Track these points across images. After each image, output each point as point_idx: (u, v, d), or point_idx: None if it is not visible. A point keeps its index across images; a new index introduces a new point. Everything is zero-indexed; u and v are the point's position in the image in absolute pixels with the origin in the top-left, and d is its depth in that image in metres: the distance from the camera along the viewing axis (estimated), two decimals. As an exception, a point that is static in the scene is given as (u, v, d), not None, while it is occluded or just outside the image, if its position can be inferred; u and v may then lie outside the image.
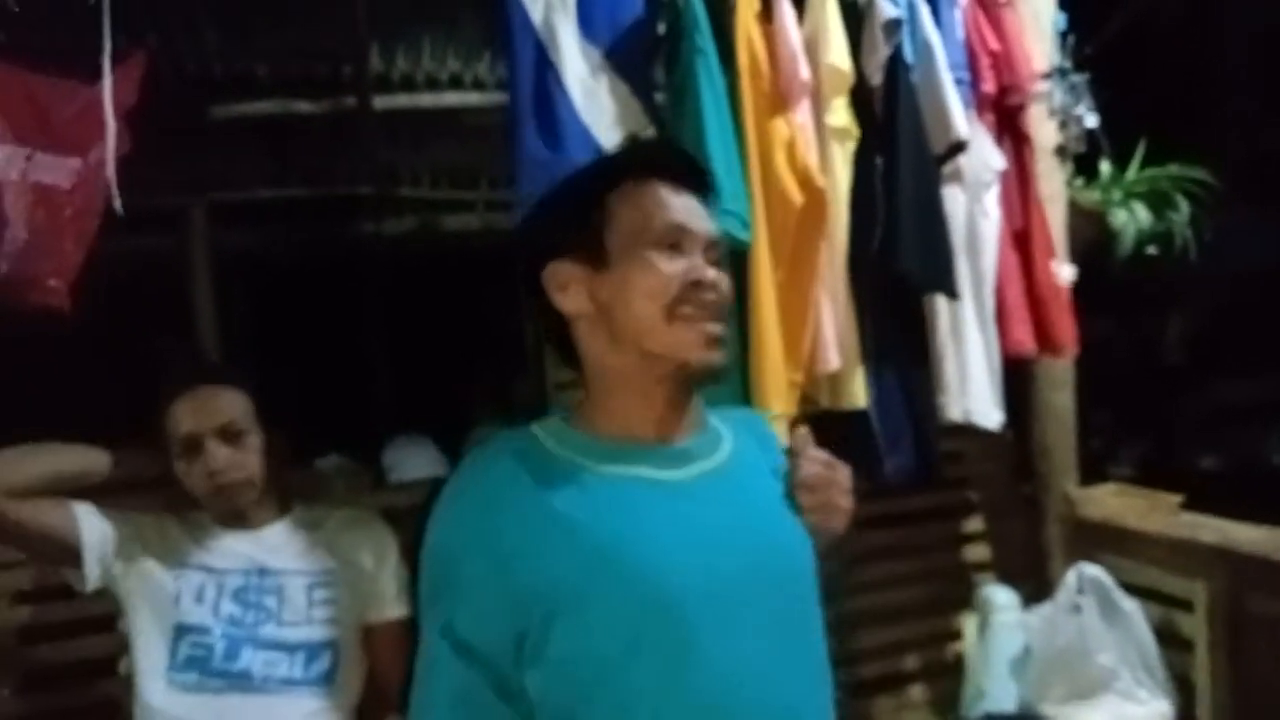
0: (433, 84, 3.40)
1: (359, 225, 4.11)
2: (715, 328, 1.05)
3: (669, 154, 1.15)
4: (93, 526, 1.58)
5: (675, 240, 1.05)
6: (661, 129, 1.90)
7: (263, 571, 1.61)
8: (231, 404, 1.60)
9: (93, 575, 1.59)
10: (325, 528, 1.69)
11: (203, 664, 1.55)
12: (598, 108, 1.85)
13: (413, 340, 5.24)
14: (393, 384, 5.15)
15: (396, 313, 5.18)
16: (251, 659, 1.56)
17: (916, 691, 2.45)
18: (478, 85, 3.41)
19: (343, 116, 3.28)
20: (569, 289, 1.07)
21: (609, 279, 1.05)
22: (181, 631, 1.56)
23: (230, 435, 1.58)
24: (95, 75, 1.78)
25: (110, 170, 1.66)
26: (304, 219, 4.08)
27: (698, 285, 1.04)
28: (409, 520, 1.84)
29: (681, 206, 1.07)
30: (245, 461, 1.59)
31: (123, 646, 1.72)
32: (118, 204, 1.65)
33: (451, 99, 3.39)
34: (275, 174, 3.87)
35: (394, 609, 1.68)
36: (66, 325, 1.78)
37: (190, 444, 1.57)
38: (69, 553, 1.57)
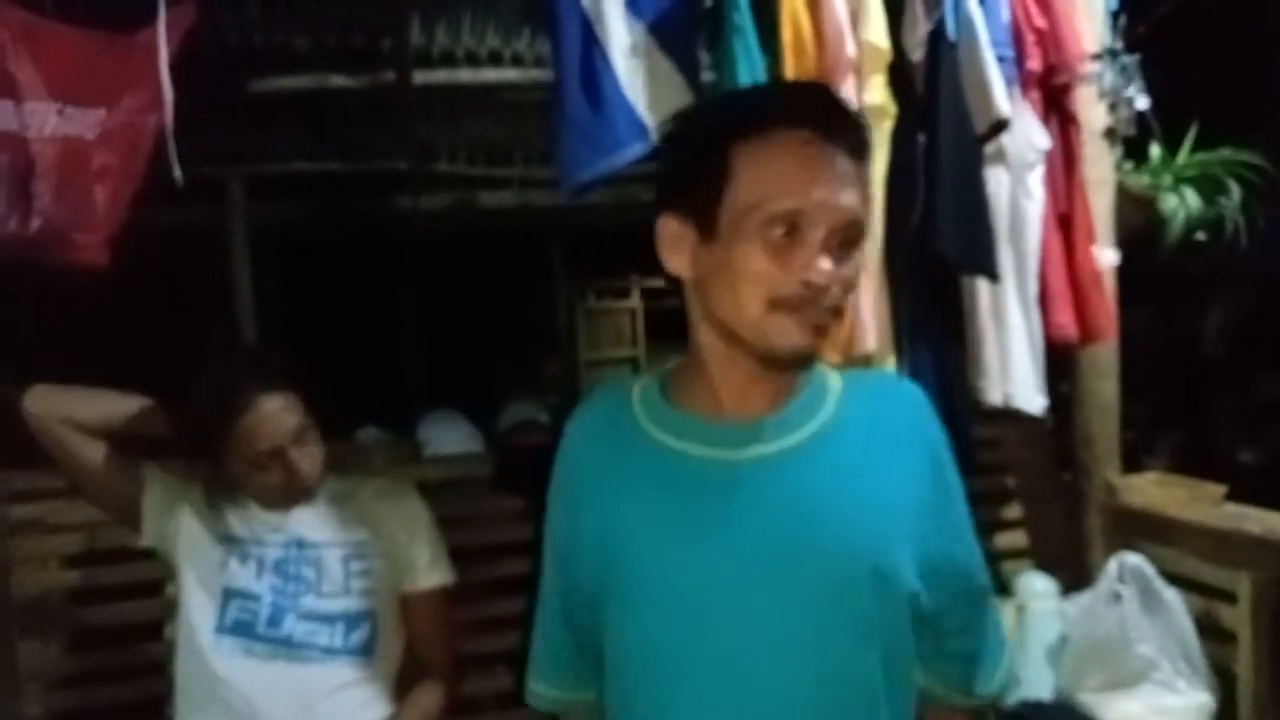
0: (472, 60, 3.40)
1: (395, 200, 4.14)
2: (821, 317, 0.94)
3: (819, 100, 0.96)
4: (156, 490, 1.62)
5: (794, 223, 0.91)
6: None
7: (300, 544, 1.63)
8: (294, 407, 1.58)
9: (149, 535, 1.64)
10: (359, 499, 1.70)
11: (248, 628, 1.58)
12: (642, 84, 1.84)
13: (446, 315, 5.27)
14: (426, 358, 5.20)
15: (431, 287, 5.22)
16: (293, 627, 1.58)
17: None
18: (516, 61, 3.42)
19: (381, 91, 3.29)
20: (677, 248, 0.98)
21: (713, 252, 0.94)
22: (229, 595, 1.59)
23: (302, 438, 1.59)
24: (133, 24, 1.77)
25: (169, 128, 1.66)
26: (341, 193, 4.11)
27: (807, 285, 0.91)
28: (444, 493, 1.87)
29: (814, 178, 0.91)
30: (318, 456, 1.61)
31: (169, 610, 1.76)
32: (177, 173, 1.66)
33: (490, 75, 3.40)
34: (313, 148, 3.90)
35: (428, 578, 1.70)
36: (106, 292, 1.79)
37: (272, 457, 1.56)
38: (129, 509, 1.63)
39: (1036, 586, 2.18)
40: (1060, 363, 2.35)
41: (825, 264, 0.91)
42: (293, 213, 4.12)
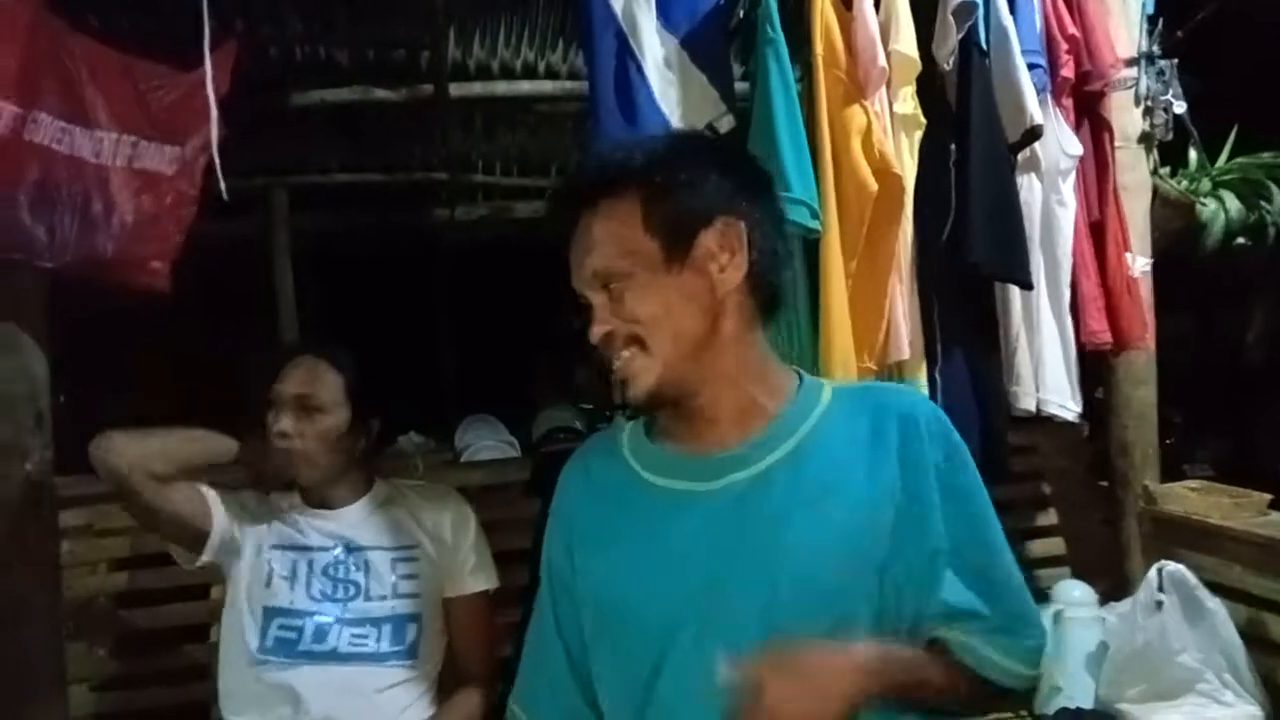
0: (507, 72, 3.44)
1: (433, 210, 4.20)
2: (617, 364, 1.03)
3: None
4: (221, 514, 1.65)
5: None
6: (738, 118, 1.90)
7: (350, 548, 1.67)
8: (317, 379, 1.65)
9: (206, 559, 1.67)
10: (406, 503, 1.74)
11: (290, 646, 1.61)
12: (675, 97, 1.87)
13: (482, 322, 5.33)
14: (462, 365, 5.25)
15: (467, 295, 5.27)
16: (339, 637, 1.61)
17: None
18: (551, 74, 3.45)
19: (419, 104, 3.34)
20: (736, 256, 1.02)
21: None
22: (271, 614, 1.62)
23: (304, 407, 1.63)
24: (185, 61, 1.86)
25: (216, 156, 1.73)
26: (380, 204, 4.18)
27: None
28: (482, 497, 1.90)
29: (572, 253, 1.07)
30: (307, 437, 1.63)
31: (213, 614, 1.80)
32: (222, 187, 1.73)
33: (525, 87, 3.43)
34: (353, 160, 3.97)
35: (473, 582, 1.73)
36: (162, 304, 1.86)
37: (272, 403, 1.64)
38: (196, 537, 1.64)
39: (1074, 594, 2.16)
40: (1096, 369, 2.34)
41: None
42: (333, 223, 4.20)
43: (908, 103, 1.96)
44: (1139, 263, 2.27)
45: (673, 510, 1.04)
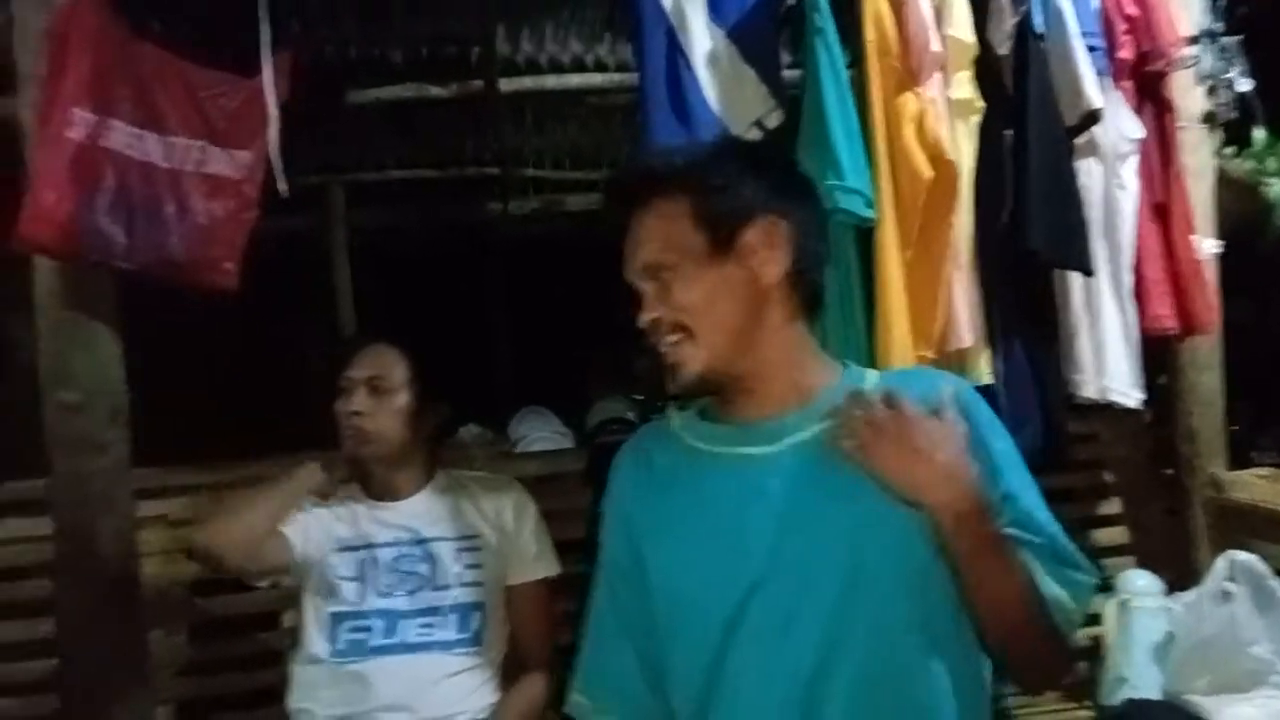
0: (556, 66, 3.47)
1: (486, 205, 4.26)
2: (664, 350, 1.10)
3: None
4: (297, 546, 1.71)
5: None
6: (788, 112, 1.90)
7: (415, 540, 1.71)
8: (386, 363, 1.72)
9: (286, 582, 1.75)
10: (467, 493, 1.78)
11: (360, 645, 1.66)
12: (725, 92, 1.87)
13: (535, 315, 5.38)
14: (516, 357, 5.31)
15: (520, 288, 5.33)
16: (407, 629, 1.66)
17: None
18: (599, 67, 3.47)
19: (471, 100, 3.39)
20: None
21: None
22: (340, 618, 1.67)
23: (376, 388, 1.70)
24: (244, 66, 1.91)
25: (276, 160, 1.79)
26: (434, 199, 4.25)
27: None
28: (539, 488, 1.93)
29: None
30: (379, 415, 1.70)
31: (283, 602, 1.86)
32: (283, 186, 1.78)
33: (574, 81, 3.46)
34: (407, 156, 4.04)
35: (534, 570, 1.76)
36: (226, 301, 1.92)
37: (345, 387, 1.71)
38: (275, 571, 1.73)
39: (1139, 583, 2.14)
40: (1159, 356, 2.29)
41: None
42: (389, 219, 4.27)
43: (965, 88, 1.94)
44: (1207, 245, 2.22)
45: (731, 475, 1.09)
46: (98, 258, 1.79)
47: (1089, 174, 2.06)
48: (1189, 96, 2.26)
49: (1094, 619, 2.22)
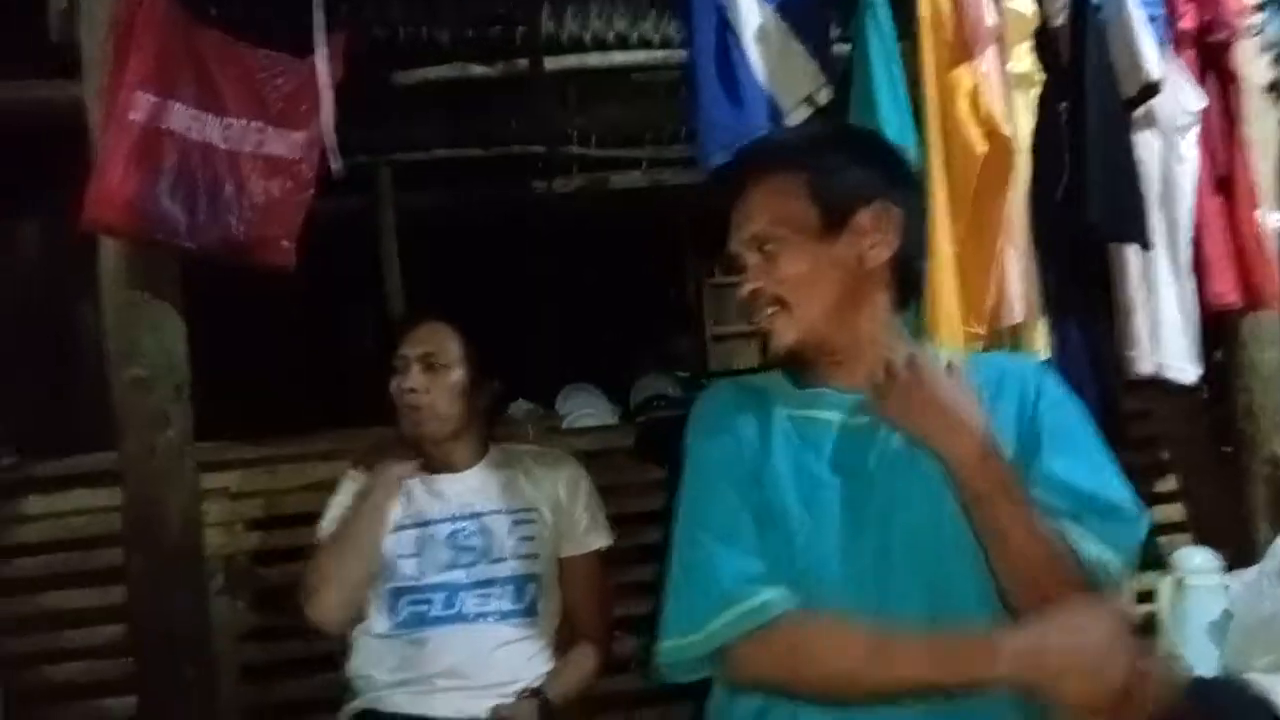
0: (600, 44, 3.46)
1: (531, 184, 4.28)
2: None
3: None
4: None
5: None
6: (837, 89, 1.89)
7: (470, 514, 1.74)
8: (440, 339, 1.74)
9: None
10: (521, 466, 1.81)
11: (421, 618, 1.69)
12: (775, 68, 1.87)
13: (580, 293, 5.41)
14: (561, 335, 5.35)
15: (565, 267, 5.36)
16: (466, 601, 1.69)
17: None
18: (644, 44, 3.45)
19: (516, 79, 3.39)
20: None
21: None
22: (399, 593, 1.71)
23: (430, 365, 1.72)
24: (297, 49, 1.94)
25: (330, 141, 1.82)
26: (480, 179, 4.27)
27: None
28: (588, 463, 1.96)
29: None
30: (434, 392, 1.72)
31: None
32: (336, 164, 1.81)
33: (618, 58, 3.44)
34: (453, 136, 4.06)
35: (587, 542, 1.79)
36: (281, 280, 1.95)
37: (401, 365, 1.74)
38: None
39: (1196, 561, 2.11)
40: (1218, 332, 2.25)
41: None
42: (436, 199, 4.31)
43: (1024, 60, 1.92)
44: (1272, 218, 2.17)
45: (813, 438, 1.10)
46: (161, 237, 1.83)
47: (1147, 147, 2.03)
48: (1254, 65, 2.21)
49: (1147, 596, 2.21)
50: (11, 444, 2.42)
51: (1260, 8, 2.19)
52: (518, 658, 1.69)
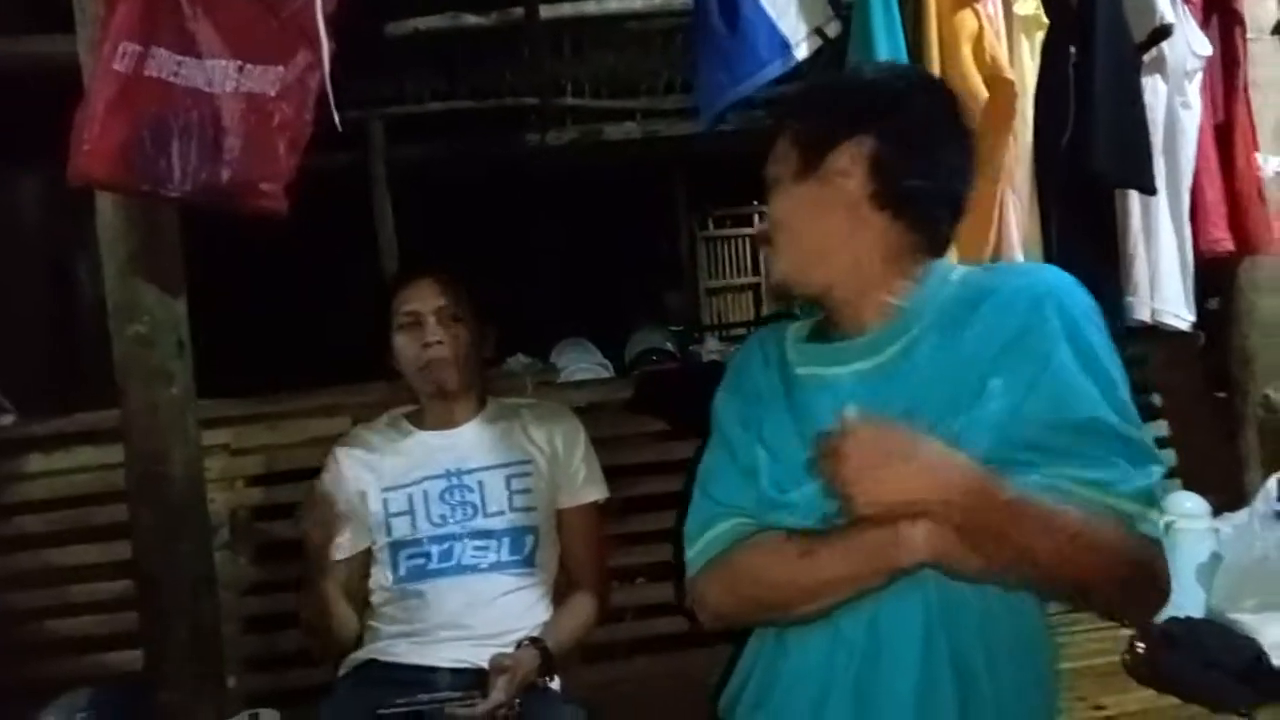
0: (595, -10, 3.41)
1: (524, 136, 4.24)
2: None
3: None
4: (359, 516, 1.73)
5: None
6: (845, 23, 1.87)
7: (462, 471, 1.75)
8: (453, 292, 1.74)
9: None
10: (520, 420, 1.81)
11: (421, 570, 1.71)
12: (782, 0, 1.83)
13: (574, 246, 5.39)
14: (555, 288, 5.34)
15: (559, 219, 5.33)
16: (463, 552, 1.71)
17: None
18: (640, -11, 3.40)
19: (510, 28, 3.34)
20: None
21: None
22: (397, 548, 1.72)
23: (446, 318, 1.73)
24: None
25: (327, 79, 1.77)
26: (473, 131, 4.23)
27: None
28: (585, 416, 1.97)
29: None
30: (455, 343, 1.73)
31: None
32: (337, 118, 1.77)
33: (614, 5, 3.39)
34: (445, 89, 4.01)
35: (584, 494, 1.80)
36: (265, 232, 1.92)
37: (412, 320, 1.73)
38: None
39: (1185, 505, 2.13)
40: (1215, 278, 2.26)
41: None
42: (428, 152, 4.27)
43: (1029, 3, 1.89)
44: (1271, 163, 2.16)
45: (807, 395, 1.13)
46: (148, 187, 1.78)
47: (1153, 92, 2.01)
48: (1260, 6, 2.18)
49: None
50: (13, 402, 2.41)
51: (1266, -52, 2.16)
52: (517, 607, 1.71)
